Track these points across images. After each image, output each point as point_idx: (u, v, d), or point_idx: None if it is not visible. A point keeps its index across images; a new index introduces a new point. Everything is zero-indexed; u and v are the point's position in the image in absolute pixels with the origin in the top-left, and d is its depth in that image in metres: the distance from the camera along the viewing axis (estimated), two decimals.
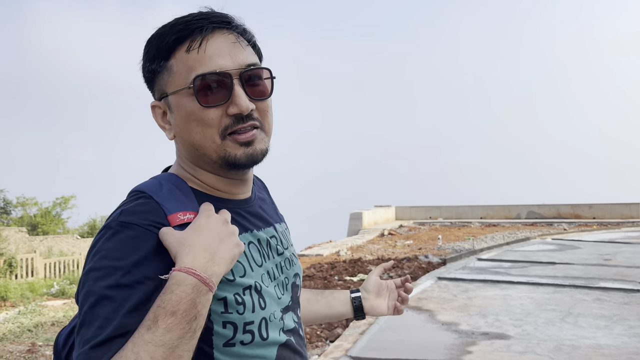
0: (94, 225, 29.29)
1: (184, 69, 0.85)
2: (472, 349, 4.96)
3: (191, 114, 0.86)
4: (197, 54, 0.84)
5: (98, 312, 0.72)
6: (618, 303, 6.75)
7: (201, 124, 0.85)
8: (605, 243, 14.18)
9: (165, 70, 0.87)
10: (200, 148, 0.87)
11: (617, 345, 4.95)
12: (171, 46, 0.86)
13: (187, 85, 0.84)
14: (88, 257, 0.80)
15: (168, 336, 0.70)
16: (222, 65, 0.84)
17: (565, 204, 24.87)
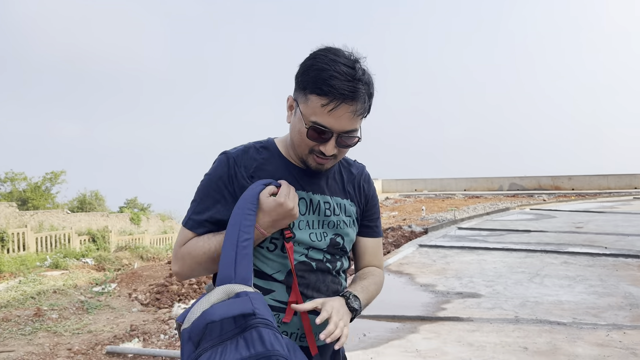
0: (84, 200, 29.46)
1: (312, 110, 1.24)
2: (446, 306, 5.46)
3: (300, 132, 1.28)
4: (324, 110, 1.23)
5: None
6: (583, 265, 7.30)
7: (302, 140, 1.29)
8: (579, 212, 14.82)
9: (304, 95, 1.25)
10: (296, 147, 1.32)
11: (577, 301, 5.48)
12: (315, 92, 1.23)
13: (306, 119, 1.25)
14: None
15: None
16: (331, 125, 1.24)
17: (546, 176, 25.56)
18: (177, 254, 1.32)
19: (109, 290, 7.58)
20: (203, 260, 1.28)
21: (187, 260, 1.30)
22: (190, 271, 1.31)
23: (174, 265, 1.33)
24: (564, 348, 4.10)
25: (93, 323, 6.01)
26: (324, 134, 1.25)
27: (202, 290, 7.18)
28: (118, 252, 16.62)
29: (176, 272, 1.33)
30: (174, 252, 1.34)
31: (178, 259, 1.32)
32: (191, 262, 1.30)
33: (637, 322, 4.70)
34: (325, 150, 1.26)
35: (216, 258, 1.26)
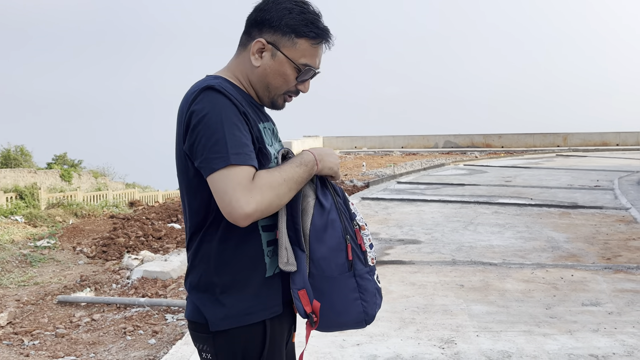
0: (8, 156, 27.83)
1: (302, 52, 1.33)
2: (389, 252, 5.83)
3: (286, 75, 1.35)
4: (313, 51, 1.34)
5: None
6: (511, 215, 7.93)
7: (284, 83, 1.36)
8: (508, 168, 15.78)
9: (291, 40, 1.32)
10: (269, 88, 1.37)
11: (506, 245, 6.01)
12: (307, 35, 1.32)
13: (298, 63, 1.33)
14: None
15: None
16: (316, 65, 1.37)
17: (478, 134, 26.74)
18: (253, 189, 1.19)
19: (52, 244, 7.43)
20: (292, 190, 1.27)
21: (270, 193, 1.21)
22: (270, 205, 1.21)
23: (250, 202, 1.17)
24: (495, 284, 4.55)
25: (39, 275, 5.93)
26: (309, 74, 1.36)
27: (150, 242, 7.20)
28: (50, 209, 16.02)
29: (254, 209, 1.18)
30: (243, 190, 1.18)
31: (257, 193, 1.19)
32: (274, 196, 1.21)
33: (557, 262, 5.26)
34: (305, 89, 1.38)
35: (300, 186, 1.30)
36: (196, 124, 1.23)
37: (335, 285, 1.31)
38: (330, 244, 1.30)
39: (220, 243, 1.29)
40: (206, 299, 1.29)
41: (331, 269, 1.30)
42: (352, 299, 1.32)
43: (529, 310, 3.92)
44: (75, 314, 4.55)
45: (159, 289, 5.06)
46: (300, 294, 1.28)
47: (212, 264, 1.29)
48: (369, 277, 1.35)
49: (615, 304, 4.02)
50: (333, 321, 1.33)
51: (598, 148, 24.24)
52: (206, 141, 1.21)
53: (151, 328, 4.10)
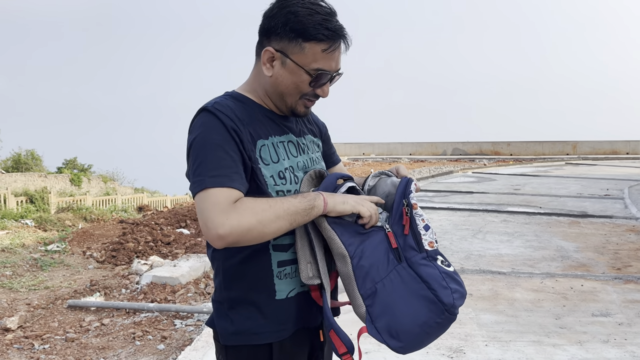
0: (19, 160, 28.10)
1: (312, 57, 1.24)
2: None
3: (299, 82, 1.28)
4: (325, 55, 1.25)
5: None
6: (520, 223, 7.89)
7: (298, 90, 1.29)
8: (517, 176, 15.71)
9: (299, 45, 1.24)
10: (284, 96, 1.31)
11: (515, 254, 5.98)
12: (315, 39, 1.23)
13: (308, 69, 1.25)
14: None
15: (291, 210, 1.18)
16: (332, 68, 1.27)
17: (487, 142, 26.66)
18: (230, 211, 1.12)
19: (62, 249, 7.49)
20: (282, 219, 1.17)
21: (251, 217, 1.13)
22: (249, 230, 1.13)
23: (224, 224, 1.11)
24: (504, 293, 4.53)
25: (49, 279, 5.98)
26: (325, 78, 1.28)
27: (159, 248, 7.24)
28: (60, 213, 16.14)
29: (228, 232, 1.11)
30: (216, 212, 1.12)
31: (234, 216, 1.12)
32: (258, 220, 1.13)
33: (567, 272, 5.23)
34: (323, 93, 1.30)
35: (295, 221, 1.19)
36: (188, 149, 1.24)
37: (391, 287, 1.20)
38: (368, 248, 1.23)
39: (227, 259, 1.28)
40: (220, 311, 1.31)
41: (379, 271, 1.21)
42: (418, 291, 1.20)
43: (538, 320, 3.90)
44: (85, 319, 4.58)
45: (167, 294, 5.09)
46: (331, 335, 1.22)
47: (223, 279, 1.30)
48: (427, 262, 1.22)
49: (626, 314, 3.99)
50: (415, 333, 1.18)
51: (608, 156, 24.08)
52: (192, 164, 1.20)
53: (160, 333, 4.13)
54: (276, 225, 1.16)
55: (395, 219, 1.26)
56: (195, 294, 5.11)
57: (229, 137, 1.20)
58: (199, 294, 5.14)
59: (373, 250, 1.22)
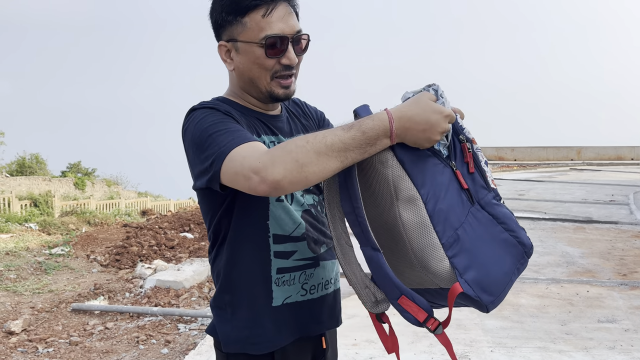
0: (23, 163, 28.20)
1: (257, 28, 1.17)
2: None
3: (257, 59, 1.19)
4: (267, 19, 1.16)
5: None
6: (525, 229, 7.85)
7: (261, 68, 1.20)
8: (521, 181, 15.67)
9: (240, 23, 1.18)
10: (254, 81, 1.22)
11: None
12: (249, 8, 1.16)
13: (258, 40, 1.17)
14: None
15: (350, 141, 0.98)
16: (283, 30, 1.17)
17: (491, 147, 26.61)
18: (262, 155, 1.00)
19: (66, 252, 7.50)
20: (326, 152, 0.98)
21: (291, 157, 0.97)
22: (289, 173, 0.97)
23: (267, 169, 0.97)
24: (509, 299, 4.51)
25: (53, 283, 5.99)
26: (281, 43, 1.18)
27: (163, 252, 7.25)
28: (63, 217, 16.18)
29: (282, 177, 0.97)
30: (252, 156, 1.01)
31: (265, 157, 0.99)
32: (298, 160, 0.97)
33: (572, 277, 5.20)
34: (290, 60, 1.19)
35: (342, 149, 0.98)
36: (188, 148, 1.18)
37: (473, 232, 1.04)
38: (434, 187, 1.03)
39: (228, 262, 1.24)
40: (220, 318, 1.26)
41: (452, 218, 1.03)
42: (498, 235, 1.07)
43: (543, 326, 3.88)
44: (89, 322, 4.58)
45: (171, 298, 5.09)
46: (402, 303, 1.03)
47: (222, 282, 1.25)
48: (498, 202, 1.11)
49: (632, 321, 3.96)
50: (503, 283, 1.06)
51: (612, 162, 24.00)
52: (199, 155, 1.11)
53: (164, 338, 4.12)
54: (321, 163, 0.97)
55: (457, 158, 1.09)
56: (199, 298, 5.11)
57: (226, 116, 1.15)
58: (202, 298, 5.13)
59: (446, 191, 1.04)
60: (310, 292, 1.27)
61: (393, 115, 1.00)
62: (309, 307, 1.27)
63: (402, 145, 1.02)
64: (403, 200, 1.00)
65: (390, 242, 1.04)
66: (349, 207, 1.04)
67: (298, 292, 1.25)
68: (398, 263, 1.05)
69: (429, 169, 1.04)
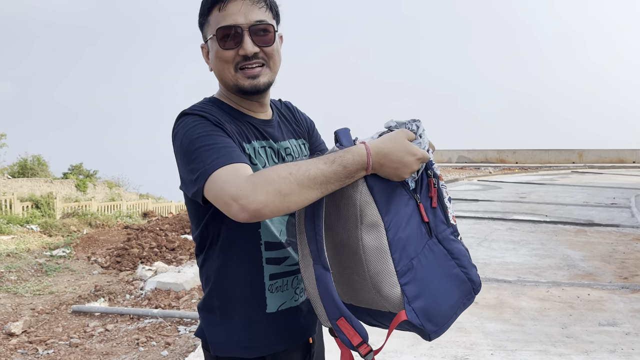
0: (25, 165, 28.25)
1: (214, 23, 1.20)
2: None
3: (216, 53, 1.21)
4: (222, 13, 1.19)
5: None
6: (526, 231, 7.85)
7: (222, 61, 1.21)
8: (523, 184, 15.66)
9: (207, 22, 1.22)
10: (222, 78, 1.24)
11: (520, 262, 5.94)
12: (210, 6, 1.21)
13: (213, 34, 1.20)
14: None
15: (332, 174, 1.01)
16: (236, 21, 1.18)
17: (492, 150, 26.61)
18: (249, 182, 1.00)
19: (67, 254, 7.51)
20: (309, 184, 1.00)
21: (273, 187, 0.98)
22: (271, 202, 0.98)
23: (249, 197, 0.97)
24: (509, 302, 4.50)
25: (54, 285, 5.99)
26: (234, 34, 1.19)
27: (163, 253, 7.25)
28: (65, 218, 16.20)
29: (263, 206, 0.98)
30: (235, 182, 1.01)
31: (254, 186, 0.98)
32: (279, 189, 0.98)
33: (573, 280, 5.19)
34: (245, 50, 1.18)
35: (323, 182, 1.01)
36: (177, 153, 1.17)
37: (426, 263, 1.08)
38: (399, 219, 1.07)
39: (218, 268, 1.22)
40: (210, 321, 1.25)
41: (410, 248, 1.06)
42: (450, 270, 1.12)
43: (544, 329, 3.87)
44: (89, 324, 4.58)
45: (172, 300, 5.08)
46: (339, 324, 1.05)
47: (213, 287, 1.24)
48: (455, 238, 1.15)
49: (633, 324, 3.95)
50: (448, 316, 1.10)
51: (614, 165, 23.96)
52: (185, 166, 1.12)
53: (164, 340, 4.12)
54: (302, 195, 1.00)
55: (422, 191, 1.14)
56: (200, 300, 5.11)
57: (216, 128, 1.14)
58: None
59: (408, 222, 1.08)
60: (300, 296, 1.29)
61: (371, 150, 1.05)
62: (302, 310, 1.28)
63: (374, 174, 1.06)
64: (367, 225, 1.05)
65: (351, 261, 1.08)
66: (311, 224, 1.07)
67: (292, 298, 1.26)
68: (354, 282, 1.09)
69: (395, 198, 1.08)
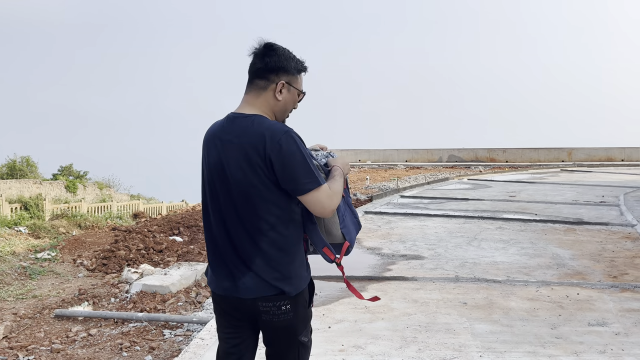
0: (14, 166, 27.93)
1: (301, 82, 2.03)
2: (392, 267, 5.75)
3: (294, 100, 2.03)
4: (301, 80, 2.03)
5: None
6: (515, 230, 7.84)
7: (293, 105, 2.04)
8: (513, 182, 15.68)
9: (298, 76, 2.00)
10: (287, 112, 2.03)
11: (510, 262, 5.91)
12: (301, 70, 2.02)
13: (301, 90, 2.03)
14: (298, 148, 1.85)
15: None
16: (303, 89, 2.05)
17: (482, 148, 26.67)
18: (334, 196, 1.90)
19: (52, 256, 7.38)
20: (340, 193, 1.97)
21: (338, 198, 1.92)
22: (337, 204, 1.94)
23: (334, 205, 1.90)
24: (499, 302, 4.46)
25: (37, 288, 5.88)
26: (302, 95, 2.06)
27: (151, 255, 7.15)
28: (54, 220, 15.98)
29: (335, 209, 1.92)
30: (330, 197, 1.88)
31: (336, 199, 1.91)
32: (339, 199, 1.93)
33: (563, 280, 5.16)
34: (296, 105, 2.06)
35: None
36: (292, 155, 1.85)
37: (347, 218, 2.06)
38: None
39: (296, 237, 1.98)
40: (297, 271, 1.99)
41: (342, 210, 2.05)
42: (353, 219, 2.11)
43: (533, 330, 3.83)
44: (72, 329, 4.49)
45: (157, 303, 5.00)
46: (325, 251, 1.98)
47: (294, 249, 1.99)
48: (350, 202, 2.15)
49: (622, 324, 3.92)
50: (354, 239, 2.06)
51: (603, 163, 24.10)
52: (302, 169, 1.85)
53: (148, 344, 4.03)
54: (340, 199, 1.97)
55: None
56: (186, 303, 5.02)
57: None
58: (189, 302, 5.05)
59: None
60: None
61: (341, 167, 2.06)
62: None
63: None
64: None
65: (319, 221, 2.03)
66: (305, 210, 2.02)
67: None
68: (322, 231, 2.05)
69: None
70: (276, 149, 1.79)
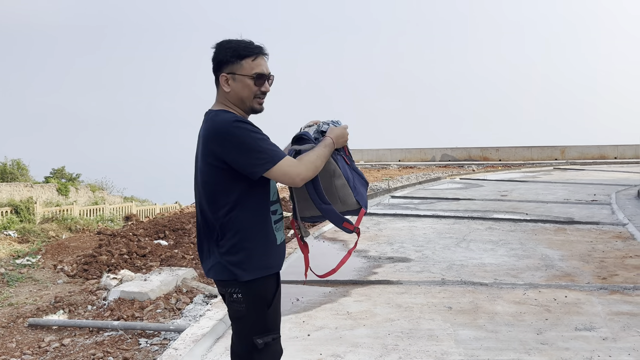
0: (5, 170, 27.63)
1: (249, 67, 2.02)
2: (377, 271, 5.63)
3: (247, 84, 2.02)
4: (256, 62, 2.03)
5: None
6: (505, 231, 7.73)
7: (250, 91, 2.04)
8: (505, 181, 15.60)
9: (238, 63, 2.01)
10: (245, 100, 2.04)
11: (498, 263, 5.80)
12: (245, 55, 2.01)
13: (251, 75, 2.02)
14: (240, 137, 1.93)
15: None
16: (265, 70, 2.04)
17: (476, 147, 26.60)
18: (301, 165, 1.98)
19: (33, 262, 7.22)
20: (321, 163, 2.05)
21: (311, 165, 2.00)
22: (314, 172, 2.03)
23: (302, 173, 1.97)
24: (484, 306, 4.34)
25: (14, 296, 5.72)
26: (263, 77, 2.05)
27: (134, 260, 7.00)
28: (44, 223, 15.77)
29: (307, 177, 2.00)
30: (294, 166, 1.96)
31: (304, 167, 1.98)
32: (313, 166, 2.01)
33: (551, 282, 5.05)
34: (266, 89, 2.06)
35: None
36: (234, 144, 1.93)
37: (356, 183, 2.22)
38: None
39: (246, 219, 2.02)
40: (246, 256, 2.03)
41: (351, 178, 2.20)
42: (362, 181, 2.26)
43: (519, 335, 3.71)
44: (44, 339, 4.33)
45: (135, 310, 4.85)
46: (345, 225, 2.11)
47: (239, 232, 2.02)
48: (355, 165, 2.29)
49: (611, 328, 3.81)
50: (366, 199, 2.21)
51: (596, 161, 24.08)
52: (249, 154, 1.93)
53: (122, 354, 3.89)
54: (322, 165, 2.06)
55: (342, 150, 2.22)
56: (165, 310, 4.87)
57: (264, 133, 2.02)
58: (168, 309, 4.90)
59: (344, 167, 2.18)
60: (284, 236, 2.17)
61: (332, 136, 2.13)
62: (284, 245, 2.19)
63: (334, 154, 2.16)
64: (336, 176, 2.15)
65: (330, 196, 2.14)
66: (312, 185, 2.10)
67: (282, 237, 2.13)
68: (334, 204, 2.14)
69: (339, 161, 2.17)
70: (221, 141, 1.92)
